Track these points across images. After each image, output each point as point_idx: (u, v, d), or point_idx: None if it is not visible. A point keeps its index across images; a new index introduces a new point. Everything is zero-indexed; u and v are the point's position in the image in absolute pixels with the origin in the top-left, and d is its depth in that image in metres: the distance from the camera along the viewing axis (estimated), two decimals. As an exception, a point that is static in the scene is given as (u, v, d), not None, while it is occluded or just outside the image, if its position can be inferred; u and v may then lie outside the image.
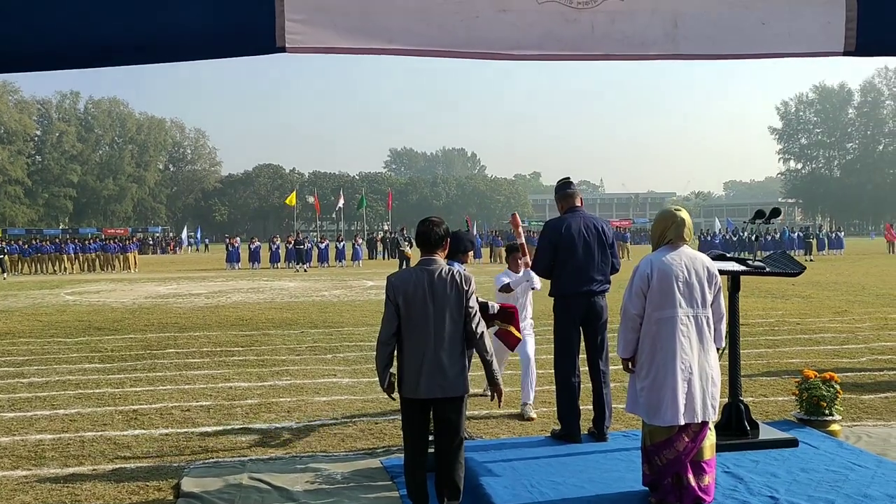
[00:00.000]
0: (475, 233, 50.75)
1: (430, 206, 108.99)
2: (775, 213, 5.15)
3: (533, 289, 6.91)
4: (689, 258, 3.99)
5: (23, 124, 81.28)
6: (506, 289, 6.81)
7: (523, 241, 6.48)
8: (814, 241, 40.54)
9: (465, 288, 4.07)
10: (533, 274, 6.57)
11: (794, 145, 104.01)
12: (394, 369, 4.20)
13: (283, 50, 2.51)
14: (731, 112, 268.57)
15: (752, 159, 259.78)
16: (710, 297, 3.97)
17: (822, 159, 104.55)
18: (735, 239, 45.51)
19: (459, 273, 4.12)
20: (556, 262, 5.28)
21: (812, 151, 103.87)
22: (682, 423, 3.81)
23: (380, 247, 46.14)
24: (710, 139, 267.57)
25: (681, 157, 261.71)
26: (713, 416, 3.91)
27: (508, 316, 5.77)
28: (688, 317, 3.90)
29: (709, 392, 3.89)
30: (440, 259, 4.18)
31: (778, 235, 44.07)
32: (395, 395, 4.23)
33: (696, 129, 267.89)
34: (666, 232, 4.07)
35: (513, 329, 5.63)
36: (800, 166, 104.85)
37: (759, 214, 5.21)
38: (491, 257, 38.36)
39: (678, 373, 3.84)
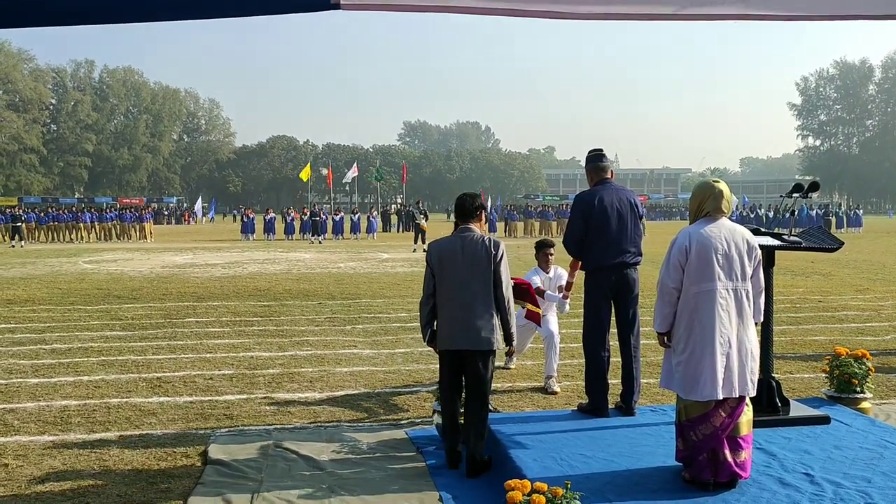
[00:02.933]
0: (489, 206, 50.51)
1: (443, 179, 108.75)
2: (814, 187, 5.01)
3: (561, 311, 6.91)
4: (728, 230, 3.89)
5: (38, 92, 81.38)
6: (538, 292, 6.75)
7: (573, 280, 6.36)
8: (833, 219, 40.10)
9: (493, 252, 4.55)
10: (567, 305, 6.63)
11: (813, 121, 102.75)
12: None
13: (337, 7, 2.39)
14: (748, 88, 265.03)
15: (769, 136, 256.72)
16: (749, 271, 3.88)
17: (840, 136, 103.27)
18: (752, 216, 45.10)
19: (489, 239, 4.59)
20: (588, 235, 5.19)
21: (831, 128, 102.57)
22: (721, 397, 3.75)
23: (394, 219, 46.09)
24: (726, 115, 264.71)
25: (696, 133, 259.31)
26: (751, 391, 3.84)
27: (522, 293, 5.72)
28: (727, 290, 3.81)
29: (748, 367, 3.82)
30: (475, 228, 4.67)
31: (794, 212, 43.59)
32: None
33: (713, 104, 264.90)
34: (703, 204, 3.97)
35: (529, 305, 5.59)
36: (818, 143, 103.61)
37: (798, 188, 5.08)
38: (506, 231, 38.26)
39: (717, 347, 3.76)
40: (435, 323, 4.75)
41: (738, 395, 3.80)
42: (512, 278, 6.00)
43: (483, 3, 2.37)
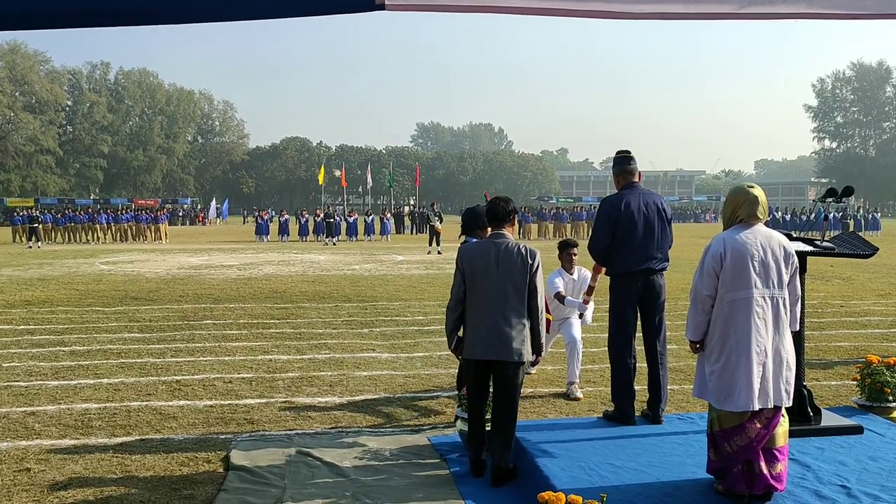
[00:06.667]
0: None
1: (456, 181, 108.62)
2: (847, 191, 4.91)
3: (584, 324, 6.82)
4: (764, 237, 3.79)
5: (54, 94, 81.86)
6: (558, 297, 6.66)
7: (595, 285, 6.31)
8: (851, 222, 39.71)
9: (530, 262, 4.43)
10: (590, 315, 6.61)
11: (829, 123, 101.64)
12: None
13: (382, 8, 2.32)
14: (763, 90, 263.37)
15: (784, 138, 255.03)
16: (786, 278, 3.78)
17: (857, 138, 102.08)
18: (769, 218, 44.70)
19: (525, 248, 4.47)
20: (615, 240, 5.10)
21: (848, 130, 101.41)
22: (756, 408, 3.65)
23: (407, 221, 46.06)
24: (741, 117, 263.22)
25: (711, 135, 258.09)
26: (787, 402, 3.74)
27: None
28: (763, 298, 3.71)
29: (783, 377, 3.72)
30: (508, 234, 4.55)
31: (813, 216, 43.20)
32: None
33: (728, 106, 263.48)
34: (738, 210, 3.87)
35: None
36: (834, 145, 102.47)
37: (831, 193, 4.97)
38: (520, 233, 38.10)
39: (752, 356, 3.66)
40: (461, 330, 4.63)
41: (772, 406, 3.70)
42: None
43: (531, 3, 2.30)
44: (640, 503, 3.77)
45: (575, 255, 6.92)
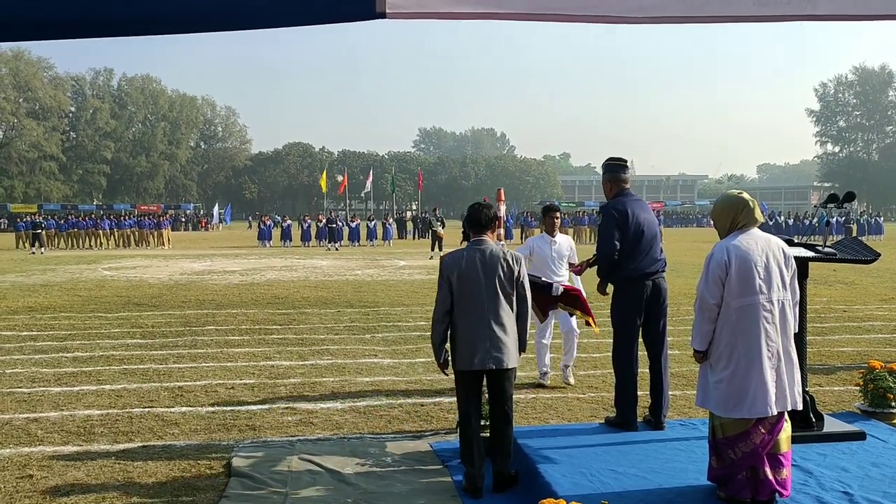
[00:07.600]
0: (504, 211, 50.51)
1: (459, 186, 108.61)
2: (849, 196, 4.91)
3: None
4: (764, 241, 3.81)
5: (57, 101, 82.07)
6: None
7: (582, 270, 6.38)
8: (854, 227, 39.64)
9: (516, 268, 4.40)
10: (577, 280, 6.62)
11: (831, 128, 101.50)
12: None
13: (382, 16, 2.32)
14: (766, 94, 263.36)
15: (786, 142, 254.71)
16: (788, 280, 3.80)
17: (860, 142, 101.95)
18: (771, 223, 44.68)
19: (510, 253, 4.48)
20: (623, 246, 5.10)
21: (850, 134, 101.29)
22: (775, 412, 3.66)
23: (409, 226, 46.09)
24: (743, 121, 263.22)
25: (713, 140, 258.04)
26: (799, 405, 3.76)
27: (573, 299, 5.60)
28: (770, 302, 3.72)
29: (794, 379, 3.73)
30: (489, 240, 4.51)
31: (815, 221, 43.12)
32: (449, 370, 4.58)
33: (730, 110, 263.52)
34: (738, 217, 3.88)
35: (578, 313, 5.46)
36: (837, 149, 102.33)
37: (832, 198, 4.97)
38: (522, 237, 38.12)
39: (765, 361, 3.67)
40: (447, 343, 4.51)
41: (790, 408, 3.72)
42: (562, 285, 5.92)
43: (534, 9, 2.30)
44: (642, 509, 3.76)
45: (557, 219, 7.07)
